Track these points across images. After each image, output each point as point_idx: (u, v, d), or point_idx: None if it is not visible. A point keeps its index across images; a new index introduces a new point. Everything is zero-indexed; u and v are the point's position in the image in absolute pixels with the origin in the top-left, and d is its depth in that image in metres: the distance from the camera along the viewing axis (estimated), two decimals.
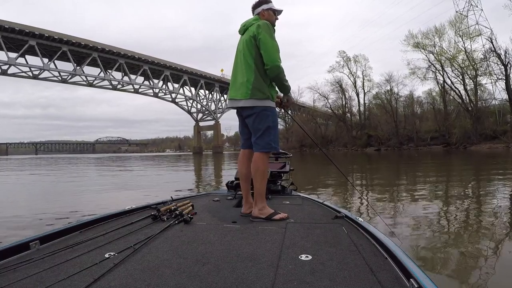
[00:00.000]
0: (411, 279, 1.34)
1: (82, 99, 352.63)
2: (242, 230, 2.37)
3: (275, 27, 2.97)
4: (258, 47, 2.76)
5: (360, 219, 2.40)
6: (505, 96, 46.17)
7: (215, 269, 1.62)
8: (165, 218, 2.56)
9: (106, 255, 1.81)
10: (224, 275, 1.55)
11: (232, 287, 1.44)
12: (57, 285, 1.44)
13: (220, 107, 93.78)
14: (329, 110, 70.53)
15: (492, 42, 44.99)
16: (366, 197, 5.62)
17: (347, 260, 1.71)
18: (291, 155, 4.62)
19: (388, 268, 1.59)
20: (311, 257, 1.77)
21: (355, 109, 68.92)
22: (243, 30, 2.96)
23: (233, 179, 3.93)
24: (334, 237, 2.13)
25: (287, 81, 2.90)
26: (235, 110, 2.98)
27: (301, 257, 1.78)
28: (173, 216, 2.61)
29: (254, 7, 3.01)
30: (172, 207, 2.75)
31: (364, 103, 66.93)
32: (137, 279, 1.52)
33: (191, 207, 2.91)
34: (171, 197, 3.34)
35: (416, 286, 1.28)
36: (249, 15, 3.05)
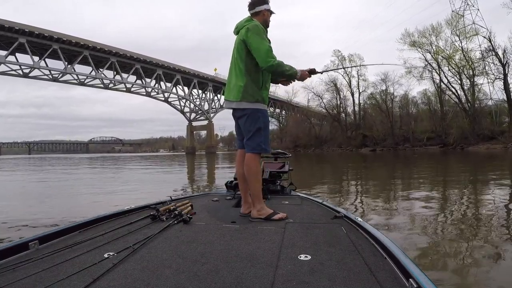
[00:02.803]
0: (410, 279, 1.35)
1: (76, 99, 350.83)
2: (241, 230, 2.37)
3: (268, 28, 2.99)
4: (249, 50, 2.77)
5: (359, 219, 2.39)
6: (501, 96, 46.06)
7: (214, 269, 1.63)
8: (164, 218, 2.56)
9: (105, 255, 1.81)
10: (223, 275, 1.56)
11: (231, 287, 1.45)
12: (56, 285, 1.45)
13: (214, 106, 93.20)
14: (323, 110, 69.98)
15: (490, 41, 44.80)
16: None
17: (346, 260, 1.72)
18: (290, 155, 4.61)
19: (387, 268, 1.60)
20: (310, 257, 1.77)
21: (349, 109, 68.56)
22: (236, 31, 2.97)
23: (232, 179, 3.92)
24: (333, 237, 2.12)
25: (289, 69, 2.84)
26: (231, 111, 2.99)
27: (300, 257, 1.78)
28: (172, 216, 2.61)
29: (256, 4, 2.97)
30: (171, 207, 2.75)
31: (359, 103, 66.73)
32: (136, 279, 1.52)
33: (190, 207, 2.91)
34: (170, 197, 3.34)
35: (415, 286, 1.30)
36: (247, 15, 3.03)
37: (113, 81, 74.46)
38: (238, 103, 2.80)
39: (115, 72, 72.75)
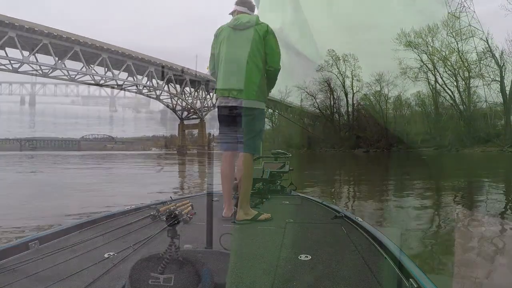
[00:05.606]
0: (410, 279, 1.36)
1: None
2: (241, 230, 2.39)
3: None
4: (265, 49, 2.74)
5: (360, 219, 2.39)
6: (496, 98, 45.93)
7: None
8: (165, 218, 2.39)
9: (106, 255, 1.82)
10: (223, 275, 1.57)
11: (231, 287, 1.45)
12: (56, 285, 1.46)
13: (206, 105, 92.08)
14: (316, 110, 69.52)
15: (488, 43, 44.71)
16: None
17: (346, 260, 1.74)
18: (290, 155, 4.63)
19: (387, 268, 1.61)
20: (310, 257, 1.77)
21: (343, 110, 68.03)
22: (247, 25, 2.78)
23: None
24: (334, 237, 2.14)
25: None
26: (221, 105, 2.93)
27: (300, 257, 1.78)
28: (172, 216, 2.42)
29: (248, 4, 2.93)
30: (171, 207, 2.72)
31: (353, 104, 66.10)
32: None
33: (190, 207, 2.89)
34: (171, 197, 3.35)
35: (415, 286, 1.30)
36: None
37: (104, 78, 73.27)
38: (249, 102, 2.70)
39: (106, 69, 71.61)
